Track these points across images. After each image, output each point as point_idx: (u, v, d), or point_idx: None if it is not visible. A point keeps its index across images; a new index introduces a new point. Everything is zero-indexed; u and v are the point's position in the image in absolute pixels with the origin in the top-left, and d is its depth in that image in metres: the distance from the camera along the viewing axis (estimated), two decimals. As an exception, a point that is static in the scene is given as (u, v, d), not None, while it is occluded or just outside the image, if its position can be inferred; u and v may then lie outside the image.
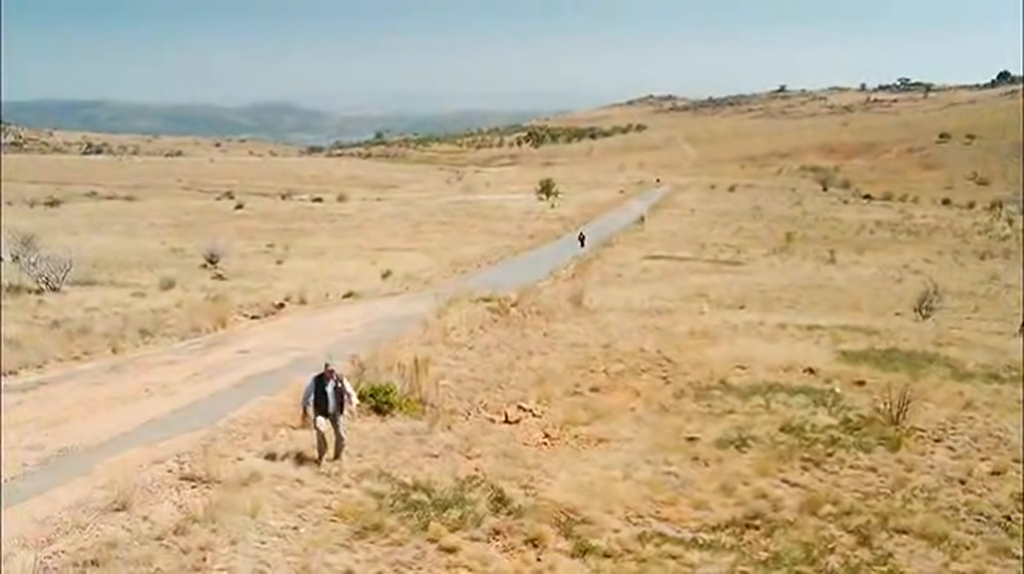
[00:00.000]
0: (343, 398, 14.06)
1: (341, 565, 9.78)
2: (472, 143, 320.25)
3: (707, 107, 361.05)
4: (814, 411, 18.57)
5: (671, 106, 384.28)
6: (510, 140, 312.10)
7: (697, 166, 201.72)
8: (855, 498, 13.33)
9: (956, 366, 24.68)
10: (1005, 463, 15.47)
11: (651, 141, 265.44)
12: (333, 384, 13.97)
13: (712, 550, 11.14)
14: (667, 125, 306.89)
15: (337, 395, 13.93)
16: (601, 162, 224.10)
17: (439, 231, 77.89)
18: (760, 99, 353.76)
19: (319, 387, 13.89)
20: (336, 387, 13.99)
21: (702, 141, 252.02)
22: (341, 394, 14.02)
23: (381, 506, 11.65)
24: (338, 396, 13.95)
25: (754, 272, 58.95)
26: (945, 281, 50.25)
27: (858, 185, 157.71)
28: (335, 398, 13.90)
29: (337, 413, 13.96)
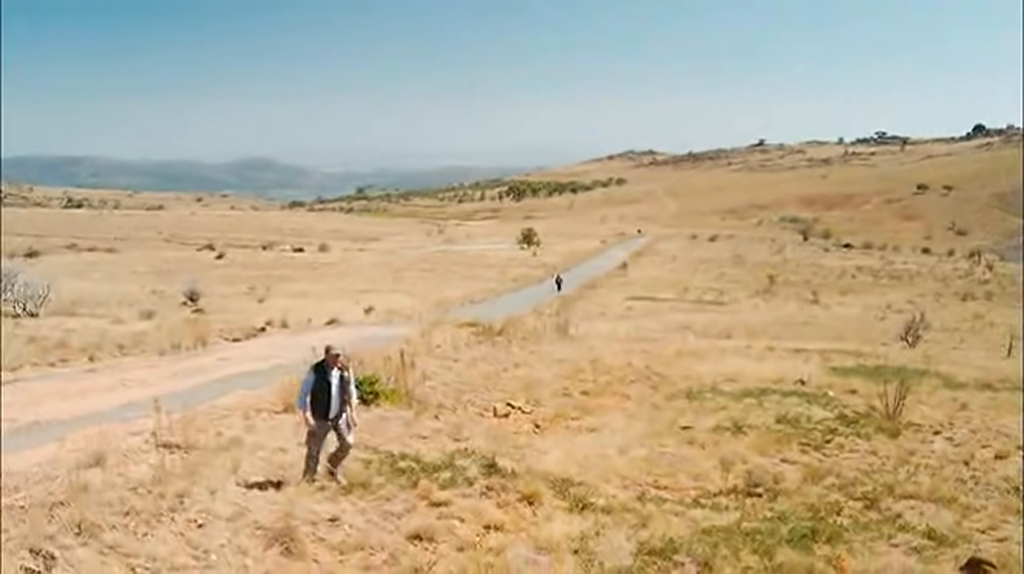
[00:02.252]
0: (347, 394, 11.56)
1: (327, 513, 9.30)
2: (453, 198, 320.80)
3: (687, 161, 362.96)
4: (809, 408, 18.23)
5: (651, 161, 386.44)
6: (491, 195, 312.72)
7: (678, 218, 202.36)
8: (858, 473, 12.93)
9: (948, 378, 24.47)
10: (1007, 450, 15.09)
11: (632, 195, 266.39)
12: (338, 374, 11.45)
13: (714, 510, 10.71)
14: (647, 179, 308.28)
15: (342, 389, 11.45)
16: (582, 215, 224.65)
17: (422, 277, 77.61)
18: (739, 153, 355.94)
19: (319, 379, 11.35)
20: (342, 378, 11.49)
21: (682, 194, 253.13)
22: (346, 388, 11.53)
23: (368, 468, 11.21)
24: (343, 390, 11.47)
25: (738, 312, 58.84)
26: (930, 318, 50.09)
27: (838, 235, 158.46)
28: (339, 393, 11.41)
29: (339, 414, 11.38)
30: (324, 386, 11.30)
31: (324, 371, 11.41)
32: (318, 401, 11.23)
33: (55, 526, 7.73)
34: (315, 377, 11.38)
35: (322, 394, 11.26)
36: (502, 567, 8.14)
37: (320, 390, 11.30)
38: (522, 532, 9.33)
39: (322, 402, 11.23)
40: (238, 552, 7.93)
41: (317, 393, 11.27)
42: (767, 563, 8.71)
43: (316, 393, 11.28)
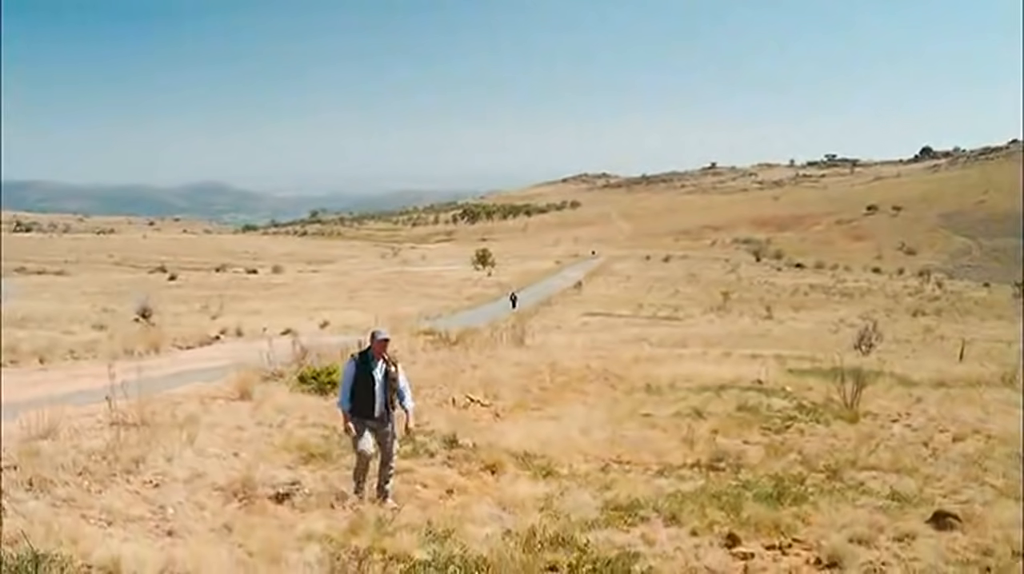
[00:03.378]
0: (395, 392, 9.95)
1: (287, 478, 9.14)
2: (408, 221, 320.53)
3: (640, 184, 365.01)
4: (768, 399, 18.26)
5: (604, 183, 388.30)
6: (446, 218, 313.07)
7: (632, 240, 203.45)
8: (819, 450, 12.92)
9: (902, 378, 24.64)
10: (964, 433, 15.13)
11: (586, 217, 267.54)
12: (383, 368, 9.87)
13: (679, 479, 10.64)
14: (601, 202, 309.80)
15: (387, 386, 9.86)
16: (536, 237, 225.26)
17: (377, 296, 77.35)
18: (692, 176, 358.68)
19: (361, 373, 9.82)
20: (387, 373, 9.89)
21: (636, 216, 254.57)
22: (393, 385, 9.93)
23: (328, 441, 11.02)
24: (388, 388, 9.88)
25: (693, 326, 59.08)
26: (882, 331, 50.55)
27: (790, 255, 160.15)
28: (384, 392, 9.82)
29: (386, 416, 9.83)
30: (366, 381, 9.81)
31: (367, 362, 9.88)
32: (358, 399, 9.78)
33: (5, 483, 7.51)
34: (355, 370, 9.88)
35: (364, 390, 9.80)
36: (467, 518, 8.04)
37: (361, 386, 9.81)
38: (486, 495, 9.24)
39: (363, 400, 9.77)
40: (196, 507, 7.77)
41: (357, 389, 9.81)
42: (734, 517, 8.69)
43: (356, 389, 9.82)
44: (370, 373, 9.81)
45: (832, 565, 7.35)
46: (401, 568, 6.56)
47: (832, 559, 7.38)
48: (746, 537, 8.11)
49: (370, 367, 9.84)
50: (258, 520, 7.62)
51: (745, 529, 8.32)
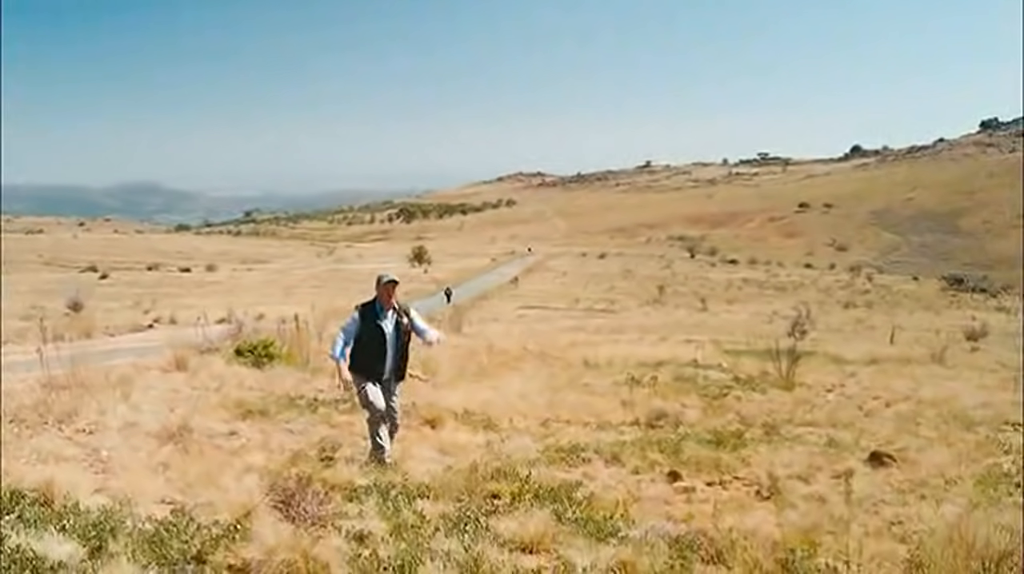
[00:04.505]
0: (408, 347, 8.88)
1: (224, 430, 9.02)
2: (343, 220, 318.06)
3: (575, 182, 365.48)
4: (705, 372, 18.46)
5: (540, 182, 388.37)
6: (381, 217, 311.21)
7: (567, 237, 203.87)
8: (757, 412, 13.04)
9: (836, 357, 25.09)
10: (897, 399, 15.41)
11: (522, 215, 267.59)
12: (394, 319, 8.66)
13: (618, 433, 10.67)
14: (537, 200, 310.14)
15: (400, 341, 8.72)
16: (473, 236, 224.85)
17: (312, 293, 76.70)
18: (627, 174, 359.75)
19: (367, 325, 8.57)
20: (399, 325, 8.67)
21: (572, 214, 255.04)
22: (406, 339, 8.79)
23: (265, 401, 10.90)
24: (402, 343, 8.75)
25: (629, 318, 59.38)
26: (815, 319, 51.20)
27: (724, 251, 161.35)
28: (397, 348, 8.70)
29: (394, 378, 8.82)
30: (374, 334, 8.55)
31: (374, 313, 8.63)
32: (365, 355, 8.54)
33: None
34: (361, 322, 8.62)
35: (371, 347, 8.55)
36: (408, 457, 8.01)
37: (368, 342, 8.56)
38: (426, 442, 9.20)
39: (370, 357, 8.56)
40: (131, 450, 7.63)
41: (363, 344, 8.56)
42: (674, 458, 8.74)
43: (362, 344, 8.57)
44: (378, 326, 8.56)
45: (772, 496, 7.40)
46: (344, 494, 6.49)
47: (772, 491, 7.44)
48: (687, 474, 8.18)
49: (377, 318, 8.59)
50: (195, 459, 7.51)
51: (686, 468, 8.39)
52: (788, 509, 6.68)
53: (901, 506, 6.91)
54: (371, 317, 8.64)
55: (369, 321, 8.61)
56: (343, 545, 5.07)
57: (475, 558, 4.83)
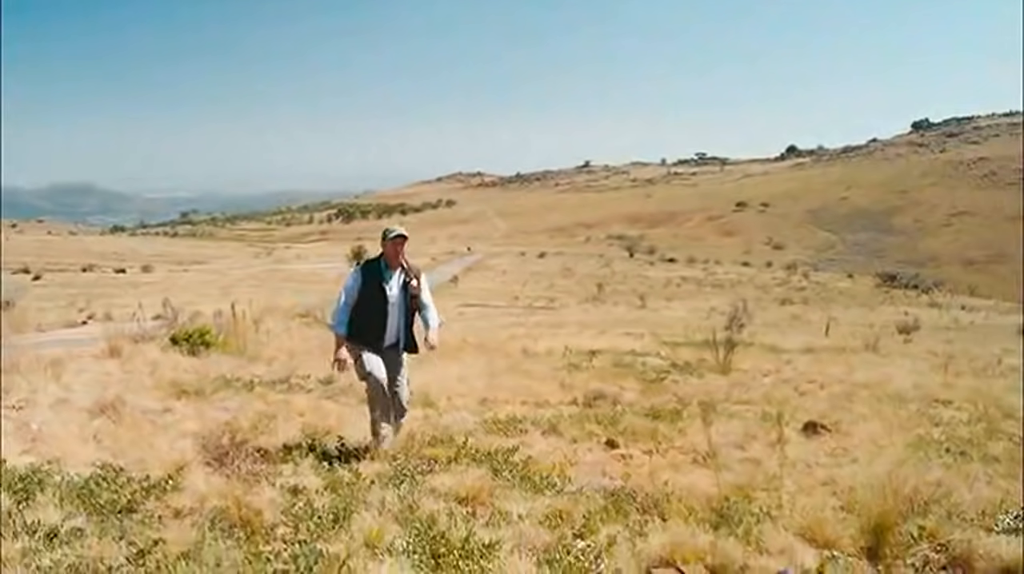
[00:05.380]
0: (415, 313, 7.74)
1: (158, 407, 8.89)
2: (281, 221, 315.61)
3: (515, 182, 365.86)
4: (643, 359, 18.57)
5: (479, 182, 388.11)
6: (320, 217, 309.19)
7: (507, 237, 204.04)
8: (694, 393, 13.14)
9: (773, 346, 25.38)
10: (831, 382, 15.65)
11: (461, 215, 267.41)
12: (401, 279, 7.56)
13: (555, 409, 10.69)
14: (477, 200, 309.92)
15: (407, 305, 7.60)
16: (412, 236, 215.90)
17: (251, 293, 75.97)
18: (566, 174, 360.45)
19: (369, 287, 7.52)
20: (406, 286, 7.56)
21: (511, 214, 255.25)
22: (414, 303, 7.65)
23: (200, 382, 10.76)
24: (409, 308, 7.64)
25: (569, 314, 59.51)
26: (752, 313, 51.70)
27: (663, 250, 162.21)
28: (403, 312, 7.62)
29: (402, 344, 7.83)
30: (376, 297, 7.44)
31: (378, 272, 7.54)
32: (364, 321, 7.45)
33: None
34: (362, 280, 7.60)
35: (372, 310, 7.43)
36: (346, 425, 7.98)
37: (369, 304, 7.45)
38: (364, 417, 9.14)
39: (371, 322, 7.46)
40: (62, 423, 7.49)
41: (363, 308, 7.47)
42: (612, 429, 8.78)
43: (361, 308, 7.48)
44: (381, 286, 7.46)
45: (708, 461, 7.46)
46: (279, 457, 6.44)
47: (708, 457, 7.50)
48: (624, 443, 8.22)
49: (382, 278, 7.50)
50: (128, 429, 7.40)
51: (623, 437, 8.43)
52: (724, 471, 6.73)
53: (834, 468, 7.00)
54: (374, 277, 7.53)
55: (371, 281, 7.53)
56: (277, 496, 5.04)
57: (410, 506, 4.82)
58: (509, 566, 4.00)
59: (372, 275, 7.59)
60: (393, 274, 7.56)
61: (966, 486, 6.06)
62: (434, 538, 4.36)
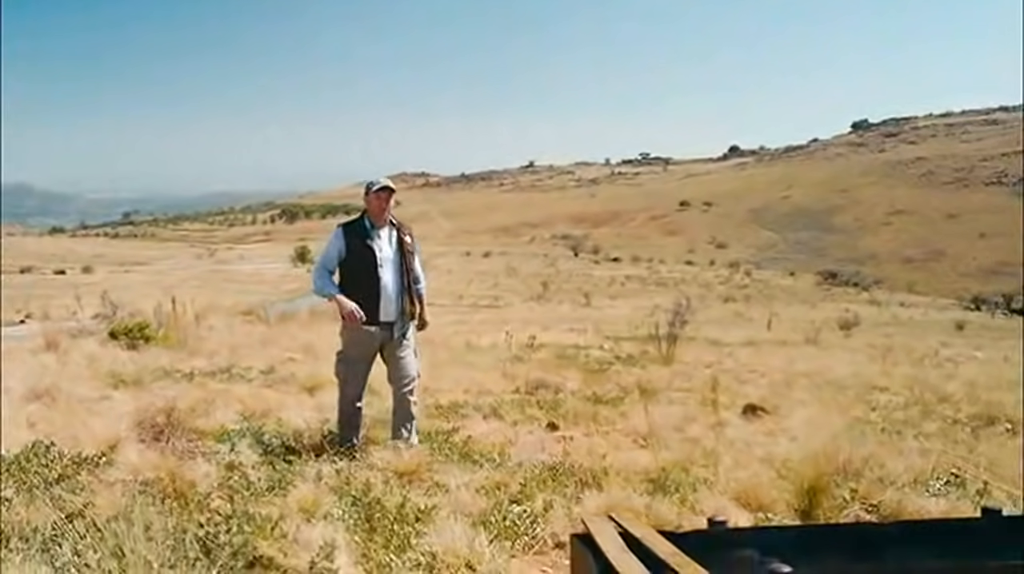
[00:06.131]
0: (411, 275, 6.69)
1: (96, 396, 8.77)
2: (224, 221, 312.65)
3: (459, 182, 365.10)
4: (587, 351, 18.69)
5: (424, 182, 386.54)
6: (264, 218, 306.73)
7: (452, 237, 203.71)
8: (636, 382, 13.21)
9: (715, 340, 25.67)
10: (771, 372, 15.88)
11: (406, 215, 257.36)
12: (392, 238, 6.63)
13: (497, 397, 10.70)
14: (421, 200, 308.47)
15: (402, 267, 6.57)
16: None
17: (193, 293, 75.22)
18: (511, 174, 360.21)
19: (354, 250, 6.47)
20: (401, 244, 6.62)
21: (456, 214, 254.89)
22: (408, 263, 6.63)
23: (139, 373, 10.63)
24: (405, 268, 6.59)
25: (514, 312, 59.65)
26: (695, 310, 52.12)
27: (607, 250, 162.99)
28: (398, 276, 6.54)
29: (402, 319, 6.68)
30: (363, 259, 6.41)
31: (363, 230, 6.51)
32: (355, 291, 6.40)
33: None
34: (344, 241, 6.48)
35: (360, 277, 6.40)
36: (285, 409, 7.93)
37: (355, 270, 6.43)
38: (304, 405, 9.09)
39: (363, 290, 6.38)
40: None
41: (350, 275, 6.47)
42: (553, 413, 8.81)
43: (348, 276, 6.48)
44: (368, 246, 6.41)
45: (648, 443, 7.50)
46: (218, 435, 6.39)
47: (649, 438, 7.55)
48: (565, 426, 8.26)
49: (367, 237, 6.45)
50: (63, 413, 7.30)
51: (565, 421, 8.47)
52: (664, 450, 6.77)
53: (772, 446, 7.08)
54: (358, 236, 6.47)
55: (355, 242, 6.44)
56: (212, 471, 5.00)
57: (346, 479, 4.81)
58: (444, 528, 4.01)
59: (355, 234, 6.48)
60: (380, 232, 6.53)
61: (899, 458, 6.17)
62: (369, 504, 4.38)
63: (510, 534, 4.22)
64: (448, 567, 3.65)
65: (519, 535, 4.24)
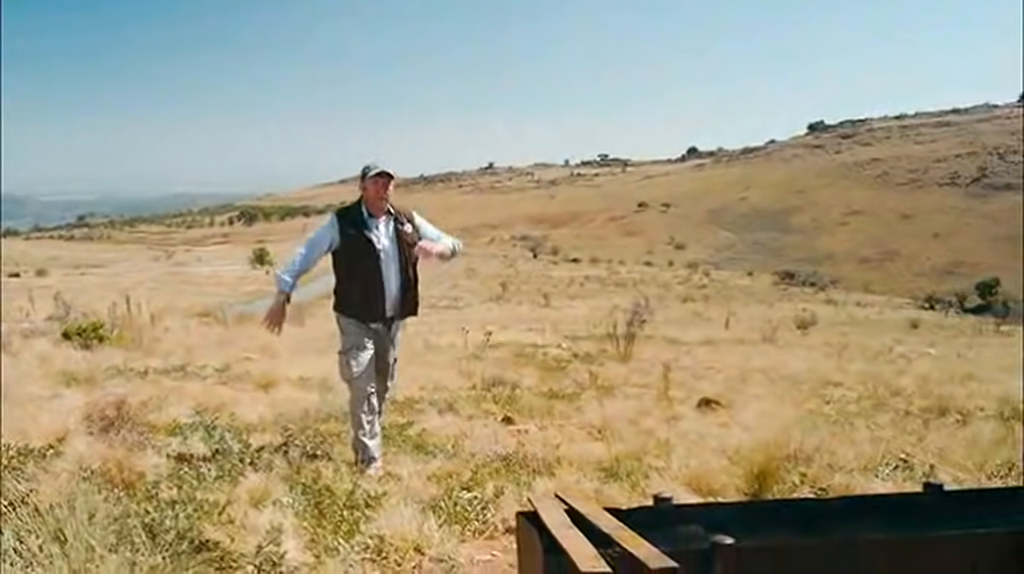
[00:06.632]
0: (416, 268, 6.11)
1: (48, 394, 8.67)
2: (182, 224, 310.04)
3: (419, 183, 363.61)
4: (545, 350, 18.71)
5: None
6: (222, 220, 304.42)
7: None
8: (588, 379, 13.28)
9: (673, 339, 25.80)
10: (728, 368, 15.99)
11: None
12: (391, 228, 5.94)
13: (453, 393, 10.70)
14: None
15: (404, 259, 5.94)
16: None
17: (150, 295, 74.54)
18: (470, 175, 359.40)
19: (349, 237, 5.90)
20: (399, 233, 5.93)
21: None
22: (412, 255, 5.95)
23: (92, 371, 10.51)
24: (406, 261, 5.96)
25: (472, 313, 59.67)
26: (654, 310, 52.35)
27: (566, 251, 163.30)
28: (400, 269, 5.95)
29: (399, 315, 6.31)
30: (361, 251, 5.83)
31: (360, 220, 5.92)
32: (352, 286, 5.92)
33: None
34: (339, 232, 5.95)
35: (361, 267, 5.82)
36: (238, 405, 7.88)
37: (353, 262, 5.88)
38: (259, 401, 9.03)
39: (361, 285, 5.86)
40: (-58, 408, 7.26)
41: (347, 269, 5.93)
42: (509, 407, 8.82)
43: (345, 269, 5.95)
44: (366, 237, 5.83)
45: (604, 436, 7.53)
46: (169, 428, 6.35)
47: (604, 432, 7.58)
48: (521, 420, 8.28)
49: (364, 227, 5.86)
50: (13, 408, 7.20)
51: (520, 415, 8.49)
52: (618, 442, 6.81)
53: (725, 438, 7.13)
54: (354, 226, 5.88)
55: (352, 233, 5.86)
56: (162, 462, 4.96)
57: (297, 469, 4.79)
58: (394, 514, 4.01)
59: (351, 224, 5.89)
60: (378, 222, 5.90)
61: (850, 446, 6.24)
62: (318, 491, 4.38)
63: (460, 519, 4.24)
64: (396, 550, 3.65)
65: (469, 520, 4.26)
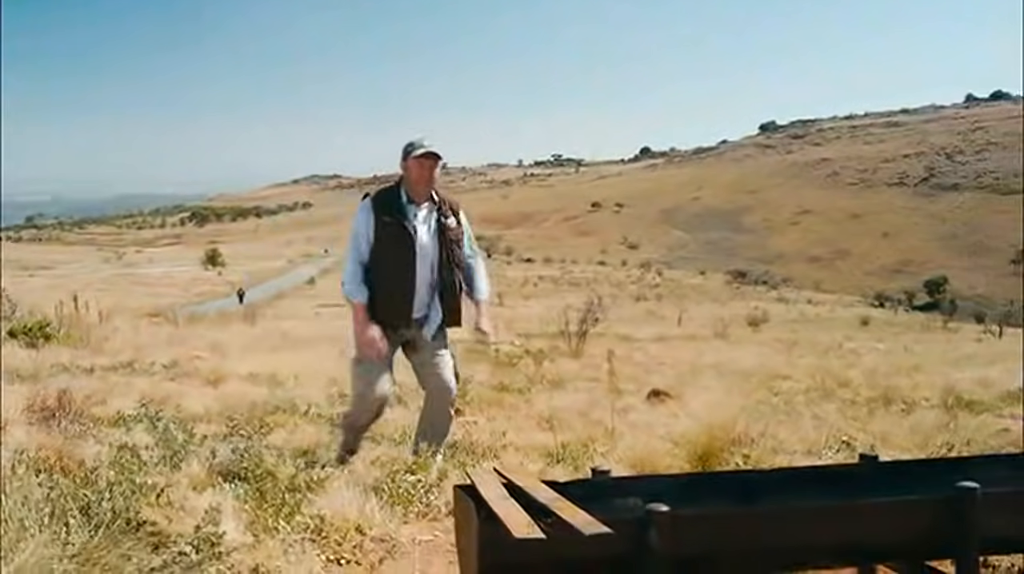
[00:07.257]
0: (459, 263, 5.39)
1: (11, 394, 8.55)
2: (133, 225, 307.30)
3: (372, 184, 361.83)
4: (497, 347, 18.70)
5: (337, 184, 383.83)
6: (173, 221, 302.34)
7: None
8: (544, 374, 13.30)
9: (626, 336, 25.96)
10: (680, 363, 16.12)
11: (319, 218, 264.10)
12: (433, 218, 5.22)
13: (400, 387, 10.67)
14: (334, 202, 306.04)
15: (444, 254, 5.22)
16: (268, 238, 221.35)
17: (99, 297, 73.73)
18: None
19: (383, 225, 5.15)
20: (441, 227, 5.22)
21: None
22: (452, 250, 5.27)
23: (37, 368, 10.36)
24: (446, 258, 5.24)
25: (427, 313, 59.69)
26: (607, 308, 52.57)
27: (520, 251, 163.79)
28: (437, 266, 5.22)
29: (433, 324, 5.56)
30: (397, 243, 5.11)
31: (398, 206, 5.17)
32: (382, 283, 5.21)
33: None
34: (374, 219, 5.17)
35: (391, 263, 5.13)
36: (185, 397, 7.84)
37: (385, 255, 5.15)
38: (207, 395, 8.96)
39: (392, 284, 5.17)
40: None
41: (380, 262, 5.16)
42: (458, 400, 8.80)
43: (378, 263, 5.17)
44: (403, 227, 5.11)
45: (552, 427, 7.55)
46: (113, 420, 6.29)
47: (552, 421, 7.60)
48: (470, 411, 8.30)
49: (403, 216, 5.12)
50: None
51: (469, 406, 8.50)
52: (566, 431, 6.84)
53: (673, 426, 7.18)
54: (391, 214, 5.12)
55: (387, 221, 5.10)
56: (104, 451, 4.92)
57: (240, 455, 4.76)
58: (336, 496, 4.01)
59: (388, 211, 5.12)
60: (419, 210, 5.17)
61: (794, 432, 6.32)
62: (260, 476, 4.37)
63: (403, 501, 4.24)
64: (337, 530, 3.65)
65: (412, 502, 4.27)
